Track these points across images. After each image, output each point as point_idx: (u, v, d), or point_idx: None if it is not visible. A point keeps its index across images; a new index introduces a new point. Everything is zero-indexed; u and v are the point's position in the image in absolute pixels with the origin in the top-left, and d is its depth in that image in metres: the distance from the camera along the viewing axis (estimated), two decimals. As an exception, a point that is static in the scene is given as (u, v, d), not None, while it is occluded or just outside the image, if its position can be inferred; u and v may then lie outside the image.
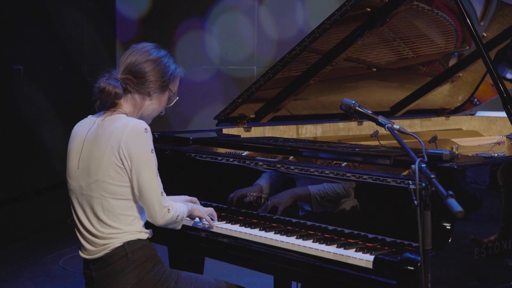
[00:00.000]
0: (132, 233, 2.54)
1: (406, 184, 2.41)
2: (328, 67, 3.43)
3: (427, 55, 3.84)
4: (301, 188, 2.74)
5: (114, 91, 2.54)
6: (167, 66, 2.65)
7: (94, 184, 2.53)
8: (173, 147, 3.32)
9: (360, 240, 2.55)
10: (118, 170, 2.50)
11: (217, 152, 3.28)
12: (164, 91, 2.65)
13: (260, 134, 3.67)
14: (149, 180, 2.51)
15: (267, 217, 2.84)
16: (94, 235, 2.55)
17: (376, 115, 2.53)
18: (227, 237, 2.77)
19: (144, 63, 2.60)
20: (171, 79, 2.67)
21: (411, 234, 2.39)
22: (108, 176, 2.50)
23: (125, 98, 2.58)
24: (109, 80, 2.56)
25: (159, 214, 2.55)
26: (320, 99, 3.88)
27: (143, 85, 2.60)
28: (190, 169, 3.19)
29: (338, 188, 2.62)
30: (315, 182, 2.70)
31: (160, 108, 2.68)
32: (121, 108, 2.58)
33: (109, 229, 2.53)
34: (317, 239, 2.58)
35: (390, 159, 2.60)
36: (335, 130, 3.93)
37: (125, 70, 2.60)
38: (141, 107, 2.62)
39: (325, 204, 2.66)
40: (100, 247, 2.54)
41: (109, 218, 2.53)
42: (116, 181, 2.51)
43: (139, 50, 2.64)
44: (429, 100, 4.26)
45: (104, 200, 2.52)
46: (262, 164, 2.88)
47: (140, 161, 2.50)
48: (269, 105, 3.61)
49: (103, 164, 2.51)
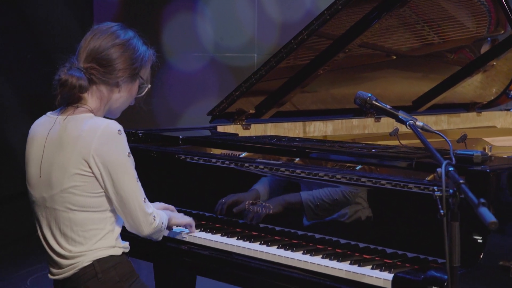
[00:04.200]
0: (103, 249, 2.53)
1: (430, 191, 2.41)
2: (340, 54, 3.43)
3: (455, 40, 3.84)
4: (294, 194, 2.75)
5: (78, 83, 2.50)
6: (136, 50, 2.62)
7: (59, 196, 2.51)
8: (160, 148, 3.31)
9: (377, 255, 2.55)
10: (87, 179, 2.49)
11: (211, 153, 3.27)
12: (134, 80, 2.63)
13: (261, 132, 3.67)
14: (130, 189, 2.51)
15: (268, 229, 2.84)
16: (61, 255, 2.54)
17: (396, 110, 2.53)
18: (222, 252, 2.77)
19: (111, 49, 2.56)
20: (142, 65, 2.64)
21: (437, 249, 2.39)
22: (75, 187, 2.49)
23: (90, 91, 2.55)
24: (71, 71, 2.52)
25: (145, 223, 2.55)
26: (331, 92, 3.88)
27: (111, 74, 2.56)
28: (179, 173, 3.19)
29: (336, 193, 2.63)
30: (322, 187, 2.70)
31: (130, 99, 2.66)
32: (86, 104, 2.54)
33: (78, 247, 2.52)
34: (327, 254, 2.58)
35: (412, 162, 2.60)
36: (348, 127, 3.93)
37: (88, 58, 2.55)
38: (108, 100, 2.59)
39: (321, 214, 2.67)
40: (67, 267, 2.53)
41: (77, 234, 2.51)
42: (85, 192, 2.50)
43: (102, 32, 2.60)
44: (458, 93, 4.26)
45: (71, 214, 2.51)
46: (263, 168, 2.89)
47: (117, 169, 2.49)
48: (271, 98, 3.61)
49: (68, 173, 2.48)
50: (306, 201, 2.74)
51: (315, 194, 2.73)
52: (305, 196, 2.74)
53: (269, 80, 3.48)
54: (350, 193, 2.63)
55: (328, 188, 2.68)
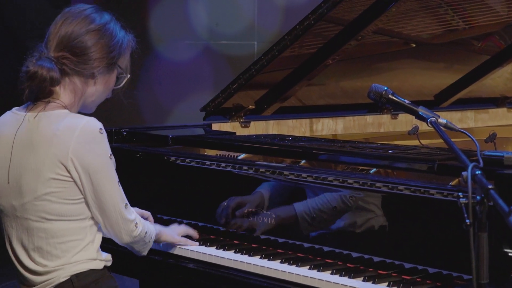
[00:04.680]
0: (82, 262, 2.53)
1: (455, 198, 2.41)
2: (352, 42, 3.44)
3: (483, 26, 3.84)
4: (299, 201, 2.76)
5: (49, 75, 2.49)
6: (114, 36, 2.61)
7: (31, 204, 2.51)
8: (147, 148, 3.32)
9: (394, 271, 2.55)
10: (65, 184, 2.49)
11: (205, 155, 3.28)
12: (112, 70, 2.63)
13: (262, 131, 3.67)
14: (111, 193, 2.53)
15: (270, 241, 2.84)
16: (33, 271, 2.53)
17: (415, 106, 2.54)
18: (218, 268, 2.78)
19: (85, 35, 2.56)
20: (120, 53, 2.64)
21: (462, 264, 2.40)
22: (50, 193, 2.49)
23: (63, 84, 2.54)
24: (41, 61, 2.50)
25: (125, 230, 2.57)
26: (342, 85, 3.89)
27: (85, 64, 2.55)
28: (169, 177, 3.19)
29: (334, 200, 2.63)
30: (331, 193, 2.70)
31: (107, 92, 2.66)
32: (59, 99, 2.54)
33: (54, 261, 2.52)
34: (337, 270, 2.58)
35: (433, 164, 2.60)
36: (361, 125, 3.94)
37: (59, 45, 2.55)
38: (83, 94, 2.59)
39: (330, 223, 2.67)
40: (41, 284, 2.53)
41: (54, 247, 2.52)
42: (63, 199, 2.50)
43: (75, 16, 2.58)
44: (486, 86, 4.26)
45: (47, 224, 2.51)
46: (264, 171, 2.89)
47: (98, 172, 2.50)
48: (273, 92, 3.62)
49: (42, 178, 2.48)
50: (313, 210, 2.74)
51: (323, 200, 2.73)
52: (312, 204, 2.74)
53: (271, 72, 3.48)
54: (351, 198, 2.64)
55: (337, 194, 2.68)
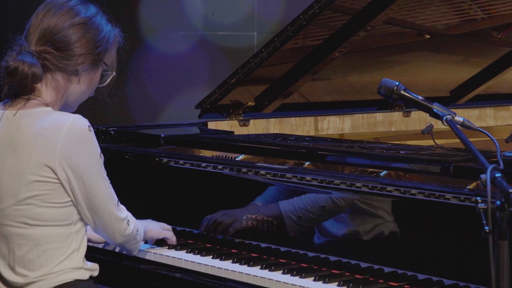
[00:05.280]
0: (67, 272, 2.54)
1: (473, 202, 2.41)
2: (360, 33, 3.44)
3: (504, 15, 3.84)
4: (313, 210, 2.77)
5: (30, 71, 2.51)
6: (100, 31, 2.63)
7: (12, 209, 2.51)
8: (137, 149, 3.32)
9: (406, 283, 2.55)
10: (50, 187, 2.50)
11: (200, 156, 3.28)
12: (97, 67, 2.65)
13: (263, 130, 3.68)
14: (103, 193, 2.55)
15: (271, 250, 2.85)
16: (13, 283, 2.54)
17: (429, 103, 2.54)
18: (214, 279, 2.78)
19: (69, 29, 2.57)
20: (107, 49, 2.66)
21: (480, 274, 2.40)
22: (34, 197, 2.50)
23: (45, 81, 2.56)
24: (22, 56, 2.52)
25: (119, 230, 2.62)
26: (349, 80, 3.89)
27: (69, 60, 2.57)
28: (161, 180, 3.20)
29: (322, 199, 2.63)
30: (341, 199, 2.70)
31: (91, 90, 2.68)
32: (40, 96, 2.56)
33: (36, 271, 2.52)
34: (344, 281, 2.58)
35: (449, 166, 2.60)
36: (371, 124, 3.94)
37: (41, 39, 2.56)
38: (65, 91, 2.61)
39: (337, 231, 2.68)
40: None
41: (36, 255, 2.52)
42: (48, 202, 2.51)
43: (58, 8, 2.59)
44: (507, 81, 4.26)
45: (29, 230, 2.51)
46: (264, 174, 2.89)
47: (89, 173, 2.52)
48: (275, 88, 3.62)
49: (25, 181, 2.49)
50: (300, 209, 2.74)
51: (310, 200, 2.73)
52: (299, 203, 2.74)
53: (273, 65, 3.48)
54: (341, 198, 2.64)
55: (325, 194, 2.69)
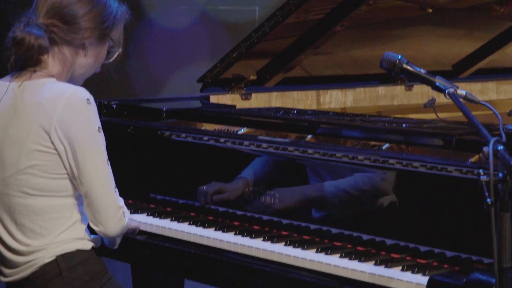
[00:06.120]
0: (69, 242, 2.55)
1: (475, 175, 2.41)
2: (363, 6, 3.43)
3: (507, -11, 3.83)
4: (305, 180, 2.75)
5: (37, 43, 2.54)
6: (108, 6, 2.66)
7: (13, 179, 2.53)
8: (139, 122, 3.32)
9: (408, 254, 2.56)
10: (49, 157, 2.51)
11: (202, 129, 3.28)
12: (104, 42, 2.67)
13: (265, 103, 3.68)
14: (98, 171, 2.53)
15: (273, 223, 2.85)
16: (16, 251, 2.56)
17: (432, 76, 2.54)
18: (216, 251, 2.79)
19: (77, 3, 2.60)
20: (114, 24, 2.68)
21: (482, 246, 2.40)
22: (34, 167, 2.51)
23: (51, 53, 2.59)
24: (29, 28, 2.55)
25: (113, 219, 2.57)
26: (351, 54, 3.88)
27: (76, 34, 2.60)
28: (163, 153, 3.20)
29: (371, 180, 2.63)
30: (340, 172, 2.71)
31: (97, 65, 2.70)
32: (46, 68, 2.58)
33: (38, 240, 2.54)
34: (346, 253, 2.59)
35: (452, 139, 2.60)
36: (373, 97, 3.94)
37: (49, 12, 2.59)
38: (71, 65, 2.63)
39: (339, 204, 2.68)
40: (24, 266, 2.55)
41: (38, 224, 2.54)
42: (46, 173, 2.52)
43: None
44: (509, 55, 4.25)
45: (29, 200, 2.53)
46: (267, 147, 2.89)
47: (83, 146, 2.52)
48: (277, 62, 3.61)
49: (26, 150, 2.51)
50: (321, 189, 2.75)
51: (332, 179, 2.74)
52: (319, 183, 2.74)
53: (274, 39, 3.47)
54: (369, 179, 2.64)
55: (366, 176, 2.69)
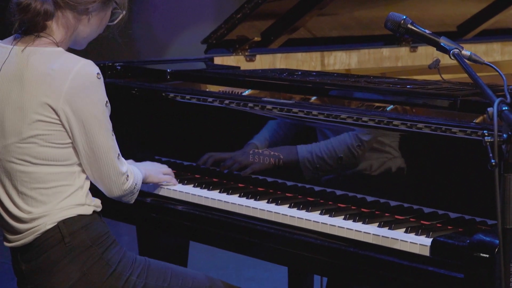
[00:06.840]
0: (70, 208, 2.55)
1: (479, 136, 2.41)
2: (367, -34, 3.42)
3: None
4: (309, 141, 2.77)
5: (43, 9, 2.52)
6: None
7: (15, 147, 2.52)
8: (144, 84, 3.32)
9: (412, 216, 2.57)
10: (52, 127, 2.51)
11: (206, 91, 3.28)
12: (107, 6, 2.65)
13: (269, 65, 3.67)
14: (105, 144, 2.55)
15: (278, 184, 2.86)
16: (18, 218, 2.56)
17: (437, 37, 2.52)
18: (221, 213, 2.80)
19: None
20: None
21: (486, 208, 2.41)
22: (37, 136, 2.50)
23: (55, 18, 2.57)
24: None
25: (116, 183, 2.60)
26: (356, 15, 3.86)
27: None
28: (168, 115, 3.20)
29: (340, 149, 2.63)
30: (344, 133, 2.71)
31: (101, 28, 2.69)
32: (50, 34, 2.56)
33: (40, 207, 2.54)
34: (350, 215, 2.60)
35: (456, 100, 2.60)
36: (377, 59, 3.93)
37: None
38: (75, 29, 2.61)
39: (343, 166, 2.69)
40: (26, 232, 2.56)
41: (39, 192, 2.54)
42: (50, 142, 2.51)
43: None
44: (515, 16, 4.24)
45: (31, 168, 2.53)
46: (271, 108, 2.89)
47: (92, 121, 2.52)
48: (281, 23, 3.60)
49: (28, 119, 2.50)
50: (325, 150, 2.75)
51: (336, 141, 2.74)
52: (324, 144, 2.75)
53: (279, 0, 3.45)
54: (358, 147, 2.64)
55: (344, 143, 2.69)
